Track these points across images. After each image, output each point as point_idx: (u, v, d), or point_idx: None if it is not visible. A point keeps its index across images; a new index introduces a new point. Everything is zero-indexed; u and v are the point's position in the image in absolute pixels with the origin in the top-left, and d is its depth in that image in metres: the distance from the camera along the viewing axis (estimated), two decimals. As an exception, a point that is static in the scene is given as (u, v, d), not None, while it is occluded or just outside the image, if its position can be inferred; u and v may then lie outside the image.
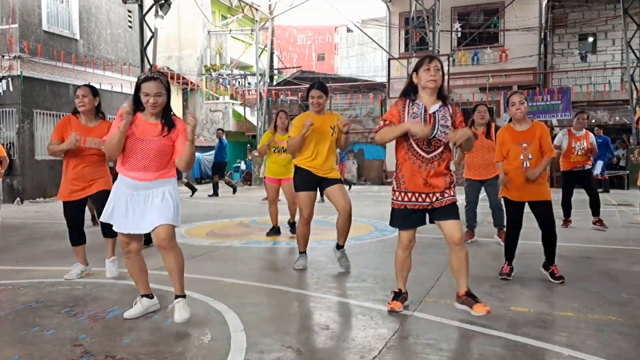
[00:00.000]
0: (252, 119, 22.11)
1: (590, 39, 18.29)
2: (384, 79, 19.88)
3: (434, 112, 3.26)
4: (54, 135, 4.33)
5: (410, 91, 3.34)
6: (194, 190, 13.46)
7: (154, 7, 14.57)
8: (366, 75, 27.61)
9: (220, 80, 23.86)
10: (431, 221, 3.38)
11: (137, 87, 3.16)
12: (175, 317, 3.12)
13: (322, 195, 8.05)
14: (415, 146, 3.26)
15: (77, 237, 4.45)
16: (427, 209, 3.33)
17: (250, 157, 16.90)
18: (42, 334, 3.05)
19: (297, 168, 4.64)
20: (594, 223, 7.06)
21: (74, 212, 4.42)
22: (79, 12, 14.27)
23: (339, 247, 4.71)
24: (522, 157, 4.24)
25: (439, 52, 16.54)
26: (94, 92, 4.37)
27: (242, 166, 19.88)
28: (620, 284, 4.14)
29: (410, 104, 3.30)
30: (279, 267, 5.03)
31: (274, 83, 22.30)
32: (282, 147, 6.36)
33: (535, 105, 16.19)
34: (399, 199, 3.35)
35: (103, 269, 4.78)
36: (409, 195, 3.30)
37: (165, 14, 14.86)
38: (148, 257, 4.33)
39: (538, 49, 18.15)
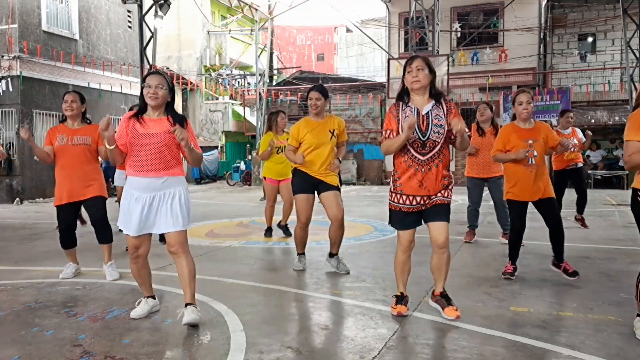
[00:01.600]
0: (252, 119, 22.11)
1: (590, 39, 18.29)
2: (383, 79, 19.88)
3: (427, 113, 3.21)
4: (45, 142, 4.44)
5: (403, 94, 3.32)
6: None
7: (154, 7, 14.56)
8: (366, 75, 27.60)
9: (220, 80, 23.86)
10: (424, 220, 3.35)
11: (142, 87, 3.22)
12: (184, 319, 3.08)
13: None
14: (410, 148, 3.20)
15: (69, 240, 4.48)
16: (421, 210, 3.30)
17: (249, 158, 16.82)
18: (41, 334, 3.05)
19: (295, 170, 4.62)
20: (576, 219, 7.09)
21: (66, 215, 4.42)
22: (78, 12, 14.27)
23: (332, 255, 4.65)
24: (527, 154, 4.20)
25: (438, 52, 16.55)
26: (82, 98, 4.49)
27: (242, 166, 19.88)
28: (620, 284, 4.14)
29: (403, 107, 3.26)
30: (279, 267, 5.02)
31: (274, 83, 22.29)
32: (284, 147, 6.32)
33: (535, 105, 16.13)
34: (395, 200, 3.31)
35: (102, 269, 4.79)
36: (404, 197, 3.26)
37: (164, 14, 14.84)
38: (150, 258, 4.33)
39: (537, 49, 18.15)
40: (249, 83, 24.39)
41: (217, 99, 23.50)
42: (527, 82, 17.48)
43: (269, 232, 6.67)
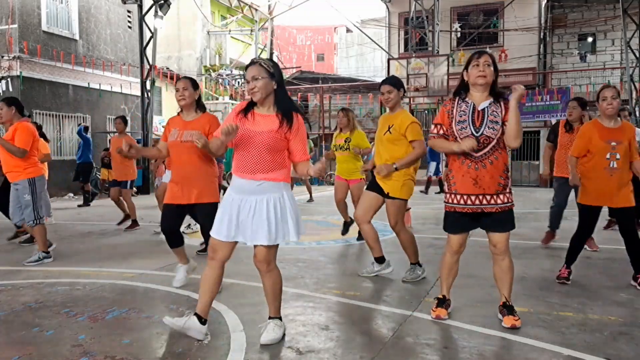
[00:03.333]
0: (252, 119, 22.07)
1: (590, 39, 18.31)
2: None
3: (483, 109, 3.07)
4: (162, 137, 4.09)
5: (461, 89, 3.19)
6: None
7: (154, 7, 14.57)
8: (366, 75, 27.63)
9: (220, 80, 23.87)
10: (481, 226, 3.20)
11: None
12: (261, 337, 2.88)
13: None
14: None
15: (175, 240, 4.09)
16: (477, 213, 3.12)
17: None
18: (41, 335, 3.04)
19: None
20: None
21: (170, 217, 4.02)
22: (78, 13, 14.28)
23: (411, 263, 4.37)
24: (608, 156, 3.88)
25: (438, 52, 16.56)
26: (194, 84, 4.03)
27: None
28: (620, 284, 4.14)
29: (459, 102, 3.14)
30: (279, 267, 5.02)
31: (274, 83, 22.28)
32: (340, 145, 6.27)
33: (535, 105, 16.20)
34: (450, 200, 3.18)
35: (102, 269, 4.79)
36: (458, 197, 3.13)
37: (164, 14, 14.85)
38: (151, 258, 4.34)
39: (537, 49, 18.17)
40: (249, 83, 24.37)
41: (217, 99, 23.50)
42: (527, 82, 17.48)
43: (345, 227, 6.51)
